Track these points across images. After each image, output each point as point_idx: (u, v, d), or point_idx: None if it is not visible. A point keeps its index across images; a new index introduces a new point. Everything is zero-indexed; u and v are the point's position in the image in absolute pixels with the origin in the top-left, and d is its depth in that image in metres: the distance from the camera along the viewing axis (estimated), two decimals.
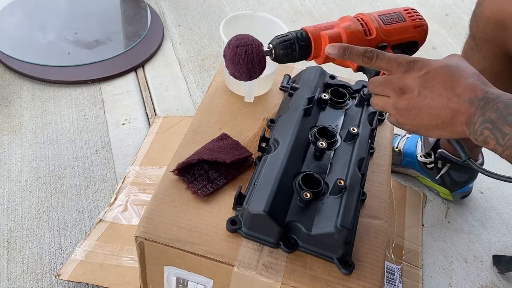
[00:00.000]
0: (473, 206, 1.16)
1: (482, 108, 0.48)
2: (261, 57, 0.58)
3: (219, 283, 0.63)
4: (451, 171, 1.09)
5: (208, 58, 1.47)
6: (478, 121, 0.48)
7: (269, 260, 0.60)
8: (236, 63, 0.57)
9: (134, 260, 0.90)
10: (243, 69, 0.57)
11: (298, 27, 0.61)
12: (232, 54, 0.57)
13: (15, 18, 1.51)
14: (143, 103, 1.30)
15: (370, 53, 0.54)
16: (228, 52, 0.58)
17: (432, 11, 1.81)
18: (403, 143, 1.18)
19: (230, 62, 0.57)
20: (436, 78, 0.51)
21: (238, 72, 0.57)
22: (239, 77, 0.58)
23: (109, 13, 1.61)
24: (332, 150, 0.71)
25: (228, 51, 0.58)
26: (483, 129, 0.48)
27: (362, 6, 1.78)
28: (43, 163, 1.12)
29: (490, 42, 0.86)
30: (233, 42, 0.57)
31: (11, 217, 1.01)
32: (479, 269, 1.04)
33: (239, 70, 0.57)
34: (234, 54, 0.56)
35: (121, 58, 1.42)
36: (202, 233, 0.62)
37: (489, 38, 0.86)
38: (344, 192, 0.63)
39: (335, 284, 0.59)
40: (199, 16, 1.64)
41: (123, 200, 1.01)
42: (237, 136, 0.75)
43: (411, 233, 1.06)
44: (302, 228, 0.60)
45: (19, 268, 0.93)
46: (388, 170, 0.76)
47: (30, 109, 1.25)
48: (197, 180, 0.68)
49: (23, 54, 1.37)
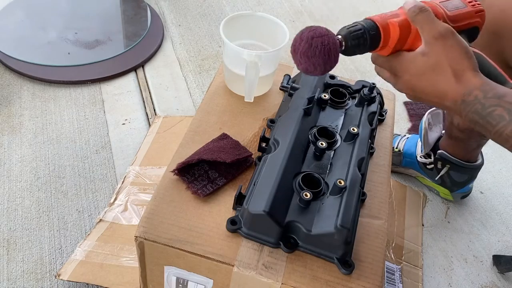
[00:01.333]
0: (473, 206, 1.16)
1: (464, 109, 0.53)
2: (337, 48, 0.54)
3: (219, 283, 0.63)
4: (451, 171, 1.09)
5: (208, 58, 1.47)
6: (465, 117, 0.53)
7: (269, 260, 0.60)
8: (312, 56, 0.53)
9: (134, 260, 0.90)
10: (319, 61, 0.53)
11: (298, 27, 0.60)
12: (307, 46, 0.53)
13: (15, 18, 1.51)
14: (143, 103, 1.31)
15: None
16: (301, 44, 0.54)
17: None
18: (403, 144, 1.18)
19: (304, 55, 0.53)
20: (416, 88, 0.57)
21: (312, 66, 0.54)
22: (313, 71, 0.54)
23: (109, 13, 1.61)
24: (332, 150, 0.71)
25: (301, 43, 0.54)
26: (471, 123, 0.53)
27: (362, 6, 1.78)
28: (43, 163, 1.12)
29: (486, 50, 0.86)
30: (306, 34, 0.54)
31: (11, 217, 1.01)
32: (479, 269, 1.04)
33: (314, 63, 0.53)
34: (310, 46, 0.53)
35: (121, 58, 1.42)
36: (202, 233, 0.62)
37: (484, 46, 0.86)
38: (344, 192, 0.63)
39: (335, 284, 0.59)
40: (199, 16, 1.64)
41: (123, 200, 1.01)
42: (237, 136, 0.75)
43: (411, 233, 1.06)
44: (302, 228, 0.60)
45: (19, 268, 0.93)
46: (388, 170, 0.76)
47: (30, 109, 1.25)
48: (197, 180, 0.68)
49: (23, 54, 1.37)
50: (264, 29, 0.83)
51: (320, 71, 0.55)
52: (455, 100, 0.53)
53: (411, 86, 0.57)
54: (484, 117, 0.51)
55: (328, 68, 0.55)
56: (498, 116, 0.50)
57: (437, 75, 0.54)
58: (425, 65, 0.55)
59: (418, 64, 0.55)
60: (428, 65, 0.54)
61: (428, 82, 0.55)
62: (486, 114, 0.50)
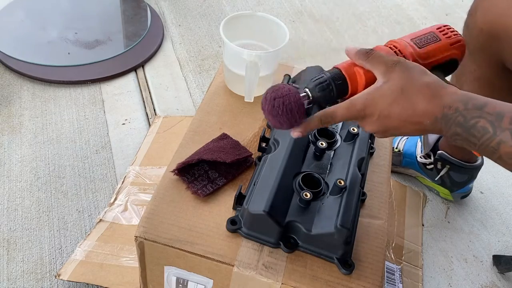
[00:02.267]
0: (473, 206, 1.16)
1: (446, 124, 0.49)
2: (300, 104, 0.56)
3: (219, 283, 0.63)
4: (451, 172, 1.09)
5: (208, 58, 1.47)
6: (447, 133, 0.50)
7: (269, 260, 0.60)
8: (276, 115, 0.56)
9: (134, 260, 0.90)
10: (283, 119, 0.56)
11: (298, 27, 0.61)
12: (271, 107, 0.56)
13: (15, 18, 1.51)
14: (143, 103, 1.31)
15: (326, 119, 0.55)
16: (266, 105, 0.57)
17: (432, 11, 1.81)
18: (403, 144, 1.18)
19: (270, 114, 0.56)
20: (392, 117, 0.52)
21: (278, 123, 0.56)
22: (280, 127, 0.57)
23: (109, 13, 1.61)
24: (332, 150, 0.71)
25: (266, 104, 0.57)
26: (455, 139, 0.50)
27: (362, 6, 1.78)
28: (43, 163, 1.12)
29: (484, 52, 0.86)
30: (269, 95, 0.56)
31: (11, 217, 1.01)
32: (479, 269, 1.04)
33: (279, 121, 0.56)
34: (272, 106, 0.55)
35: (121, 58, 1.42)
36: (202, 233, 0.62)
37: (482, 48, 0.86)
38: (344, 192, 0.63)
39: (335, 284, 0.59)
40: (199, 16, 1.64)
41: (123, 200, 1.01)
42: (237, 136, 0.75)
43: (411, 233, 1.06)
44: (302, 228, 0.60)
45: (19, 268, 0.93)
46: (388, 170, 0.76)
47: (30, 109, 1.25)
48: (197, 180, 0.68)
49: (23, 54, 1.37)
50: (264, 29, 0.83)
51: (287, 127, 0.56)
52: (435, 116, 0.49)
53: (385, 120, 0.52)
54: (468, 130, 0.48)
55: (294, 123, 0.56)
56: (482, 128, 0.47)
57: (410, 96, 0.50)
58: (393, 91, 0.51)
59: (385, 93, 0.51)
60: (396, 90, 0.51)
61: (402, 106, 0.51)
62: (469, 127, 0.48)
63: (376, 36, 1.64)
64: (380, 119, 0.52)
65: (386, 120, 0.52)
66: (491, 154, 0.48)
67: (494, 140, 0.46)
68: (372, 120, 0.53)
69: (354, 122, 0.75)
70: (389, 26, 1.69)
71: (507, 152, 0.46)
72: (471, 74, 0.91)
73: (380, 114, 0.52)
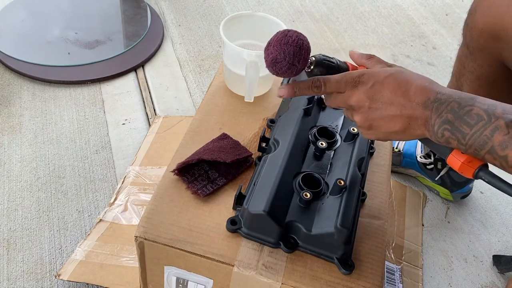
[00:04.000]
0: (473, 206, 1.16)
1: (437, 109, 0.48)
2: (308, 48, 0.55)
3: (219, 283, 0.63)
4: (451, 172, 1.09)
5: (208, 58, 1.47)
6: (436, 123, 0.49)
7: (269, 260, 0.60)
8: (285, 43, 0.54)
9: (134, 260, 0.90)
10: (290, 50, 0.54)
11: (298, 27, 0.61)
12: (282, 36, 0.54)
13: (15, 18, 1.51)
14: (143, 103, 1.31)
15: (317, 82, 0.55)
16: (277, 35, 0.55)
17: (432, 11, 1.81)
18: (403, 144, 1.18)
19: (278, 43, 0.54)
20: (385, 87, 0.51)
21: (282, 53, 0.54)
22: (281, 60, 0.55)
23: (109, 13, 1.61)
24: (332, 150, 0.71)
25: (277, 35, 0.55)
26: (443, 130, 0.48)
27: (362, 6, 1.78)
28: (43, 163, 1.12)
29: (484, 51, 0.86)
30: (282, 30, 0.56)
31: (11, 217, 1.01)
32: (479, 269, 1.04)
33: (285, 51, 0.54)
34: (285, 35, 0.54)
35: (121, 58, 1.42)
36: (202, 233, 0.62)
37: (483, 48, 0.86)
38: (344, 192, 0.63)
39: (335, 284, 0.59)
40: (199, 16, 1.64)
41: (123, 200, 1.01)
42: (237, 136, 0.75)
43: (411, 233, 1.06)
44: (302, 228, 0.60)
45: (19, 268, 0.93)
46: (388, 170, 0.76)
47: (30, 109, 1.25)
48: (197, 180, 0.68)
49: (23, 54, 1.37)
50: (264, 29, 0.83)
51: (288, 61, 0.55)
52: (428, 97, 0.49)
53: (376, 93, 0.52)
54: (461, 117, 0.47)
55: (296, 63, 0.55)
56: (476, 115, 0.46)
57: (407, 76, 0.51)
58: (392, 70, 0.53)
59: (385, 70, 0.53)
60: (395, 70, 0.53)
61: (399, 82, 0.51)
62: (463, 114, 0.47)
63: (376, 36, 1.64)
64: (373, 88, 0.52)
65: (378, 93, 0.51)
66: (481, 146, 0.46)
67: (488, 127, 0.45)
68: (365, 89, 0.52)
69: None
70: (389, 26, 1.69)
71: (500, 141, 0.45)
72: (471, 74, 0.91)
73: (375, 83, 0.52)
